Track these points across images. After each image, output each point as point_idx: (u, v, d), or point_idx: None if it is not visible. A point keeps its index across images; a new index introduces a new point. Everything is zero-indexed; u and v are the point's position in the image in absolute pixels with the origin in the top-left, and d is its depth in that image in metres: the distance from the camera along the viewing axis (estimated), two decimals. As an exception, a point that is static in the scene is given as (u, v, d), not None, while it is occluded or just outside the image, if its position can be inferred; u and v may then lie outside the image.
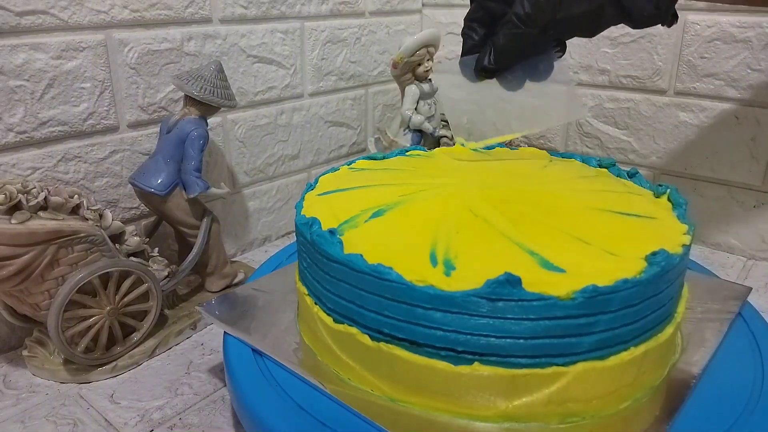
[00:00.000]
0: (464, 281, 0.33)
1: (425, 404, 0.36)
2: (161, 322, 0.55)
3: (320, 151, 0.80)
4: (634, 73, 0.72)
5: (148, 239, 0.55)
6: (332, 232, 0.38)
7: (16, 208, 0.44)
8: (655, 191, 0.45)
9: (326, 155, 0.81)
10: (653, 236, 0.38)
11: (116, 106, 0.57)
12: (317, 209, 0.44)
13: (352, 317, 0.37)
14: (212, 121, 0.60)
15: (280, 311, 0.47)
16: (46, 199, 0.45)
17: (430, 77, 0.72)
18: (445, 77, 0.48)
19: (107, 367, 0.50)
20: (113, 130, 0.58)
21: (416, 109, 0.72)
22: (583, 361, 0.34)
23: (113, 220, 0.49)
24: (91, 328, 0.48)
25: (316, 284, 0.40)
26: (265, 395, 0.38)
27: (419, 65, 0.70)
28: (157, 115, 0.60)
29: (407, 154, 0.56)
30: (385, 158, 0.55)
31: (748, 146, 0.66)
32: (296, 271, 0.46)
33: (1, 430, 0.44)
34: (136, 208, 0.61)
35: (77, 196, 0.48)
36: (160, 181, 0.54)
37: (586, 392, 0.34)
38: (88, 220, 0.47)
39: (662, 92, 0.71)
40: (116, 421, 0.44)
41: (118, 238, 0.51)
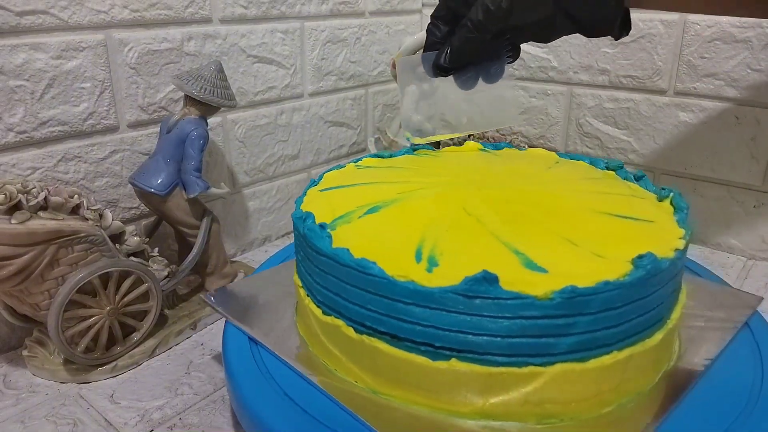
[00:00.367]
0: (444, 278, 0.33)
1: (405, 398, 0.36)
2: (161, 322, 0.55)
3: (320, 151, 0.80)
4: (634, 73, 0.72)
5: (148, 239, 0.55)
6: (322, 226, 0.39)
7: (16, 208, 0.44)
8: (658, 195, 0.45)
9: (326, 155, 0.81)
10: (646, 240, 0.37)
11: (116, 106, 0.57)
12: (316, 204, 0.44)
13: (338, 310, 0.38)
14: (212, 121, 0.60)
15: (282, 304, 0.47)
16: (46, 199, 0.45)
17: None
18: (408, 71, 0.49)
19: (107, 367, 0.50)
20: (113, 130, 0.58)
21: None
22: (561, 362, 0.33)
23: (113, 220, 0.49)
24: (91, 328, 0.48)
25: (308, 277, 0.41)
26: (264, 395, 0.38)
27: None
28: (157, 115, 0.60)
29: (415, 152, 0.57)
30: (392, 156, 0.56)
31: (748, 146, 0.66)
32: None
33: (1, 430, 0.44)
34: (136, 208, 0.61)
35: (77, 196, 0.48)
36: (160, 181, 0.54)
37: (564, 394, 0.34)
38: (88, 220, 0.47)
39: (662, 92, 0.71)
40: (116, 421, 0.44)
41: (118, 238, 0.51)
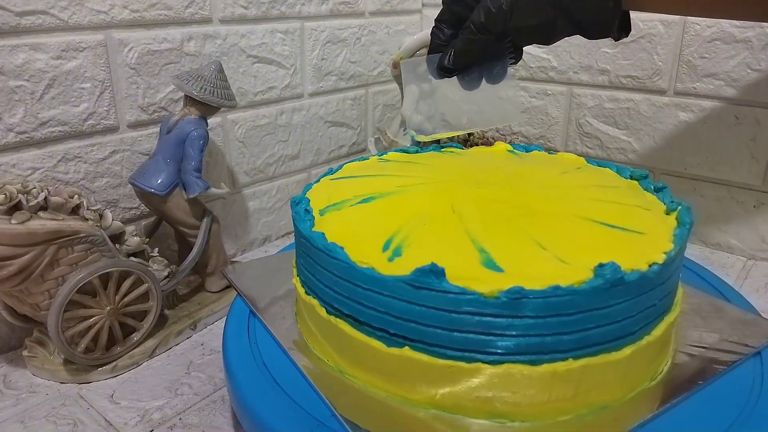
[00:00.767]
0: (401, 268, 0.35)
1: (366, 380, 0.38)
2: (161, 322, 0.55)
3: (320, 151, 0.80)
4: (634, 73, 0.72)
5: (148, 239, 0.55)
6: (308, 210, 0.42)
7: (16, 208, 0.44)
8: (668, 207, 0.43)
9: (326, 155, 0.81)
10: (623, 250, 0.36)
11: (116, 106, 0.57)
12: (319, 191, 0.47)
13: (314, 290, 0.40)
14: (212, 121, 0.60)
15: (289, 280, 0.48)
16: (46, 199, 0.45)
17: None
18: (408, 71, 0.51)
19: (107, 367, 0.50)
20: (113, 130, 0.58)
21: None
22: (510, 362, 0.34)
23: (113, 220, 0.49)
24: (91, 328, 0.48)
25: (297, 258, 0.44)
26: (265, 395, 0.38)
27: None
28: (157, 115, 0.60)
29: (442, 150, 0.58)
30: (418, 152, 0.57)
31: (748, 146, 0.66)
32: None
33: (1, 430, 0.44)
34: (136, 208, 0.61)
35: (77, 196, 0.48)
36: (160, 181, 0.54)
37: (514, 396, 0.34)
38: (88, 220, 0.47)
39: (662, 92, 0.71)
40: (116, 421, 0.44)
41: (118, 238, 0.51)
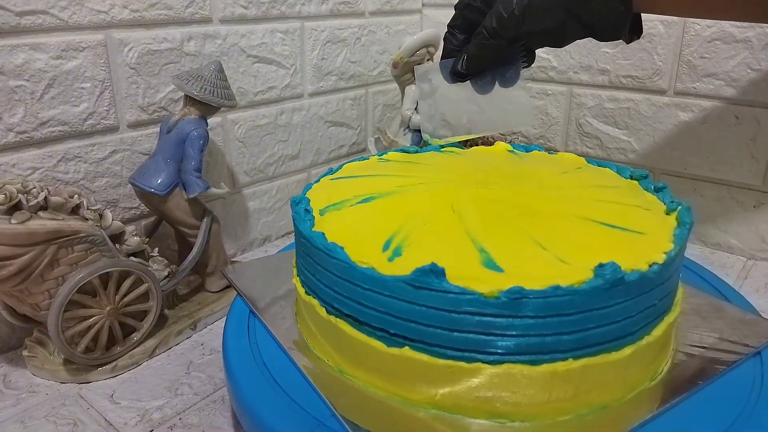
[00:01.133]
0: (401, 267, 0.34)
1: (366, 380, 0.38)
2: (161, 322, 0.55)
3: (320, 151, 0.80)
4: (634, 73, 0.72)
5: (148, 239, 0.55)
6: (308, 210, 0.42)
7: (16, 208, 0.44)
8: (668, 207, 0.43)
9: (326, 155, 0.81)
10: (624, 250, 0.36)
11: (116, 106, 0.57)
12: (320, 191, 0.47)
13: (314, 290, 0.40)
14: (212, 121, 0.60)
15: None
16: (46, 199, 0.45)
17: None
18: (427, 75, 0.51)
19: (107, 367, 0.50)
20: (113, 130, 0.58)
21: (416, 109, 0.72)
22: (510, 362, 0.34)
23: (113, 220, 0.49)
24: (91, 328, 0.48)
25: (297, 258, 0.44)
26: (265, 395, 0.38)
27: (419, 65, 0.70)
28: (157, 115, 0.60)
29: (442, 150, 0.58)
30: (418, 152, 0.57)
31: (748, 146, 0.66)
32: None
33: (1, 430, 0.44)
34: (136, 208, 0.61)
35: (77, 196, 0.48)
36: (160, 181, 0.54)
37: (514, 395, 0.34)
38: (88, 220, 0.47)
39: (662, 92, 0.71)
40: (116, 421, 0.44)
41: (118, 238, 0.51)
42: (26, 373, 0.50)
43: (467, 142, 0.77)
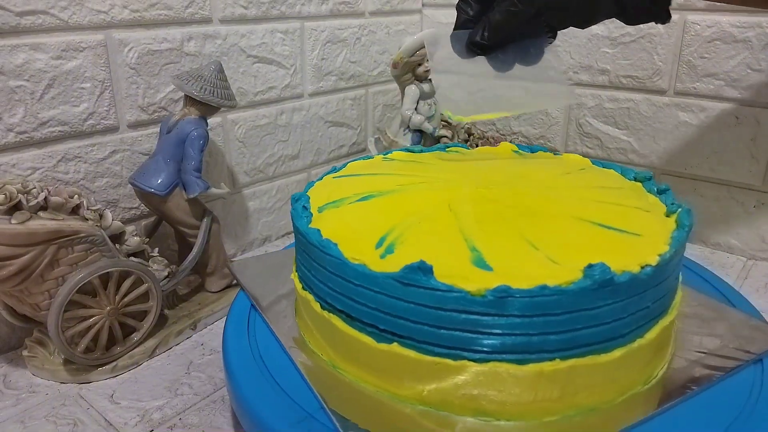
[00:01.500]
0: (391, 264, 0.35)
1: (357, 375, 0.38)
2: (161, 322, 0.55)
3: (320, 151, 0.80)
4: (634, 73, 0.72)
5: (148, 239, 0.55)
6: (305, 207, 0.43)
7: (16, 208, 0.44)
8: (668, 209, 0.43)
9: (326, 155, 0.81)
10: (617, 252, 0.36)
11: (116, 106, 0.57)
12: (320, 189, 0.47)
13: (310, 286, 0.41)
14: (212, 121, 0.60)
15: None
16: (46, 199, 0.45)
17: (430, 77, 0.72)
18: (440, 46, 0.46)
19: (107, 367, 0.50)
20: (113, 130, 0.58)
21: (416, 109, 0.72)
22: (496, 361, 0.34)
23: (113, 220, 0.49)
24: (91, 328, 0.48)
25: (296, 254, 0.44)
26: (265, 395, 0.38)
27: (419, 65, 0.70)
28: (157, 115, 0.60)
29: (447, 150, 0.58)
30: (422, 152, 0.57)
31: (748, 146, 0.66)
32: None
33: (1, 430, 0.44)
34: (136, 208, 0.61)
35: (77, 196, 0.48)
36: (160, 181, 0.54)
37: (500, 394, 0.34)
38: (88, 220, 0.47)
39: (662, 92, 0.71)
40: (116, 421, 0.44)
41: (118, 238, 0.51)
42: (26, 373, 0.50)
43: (468, 141, 0.77)
